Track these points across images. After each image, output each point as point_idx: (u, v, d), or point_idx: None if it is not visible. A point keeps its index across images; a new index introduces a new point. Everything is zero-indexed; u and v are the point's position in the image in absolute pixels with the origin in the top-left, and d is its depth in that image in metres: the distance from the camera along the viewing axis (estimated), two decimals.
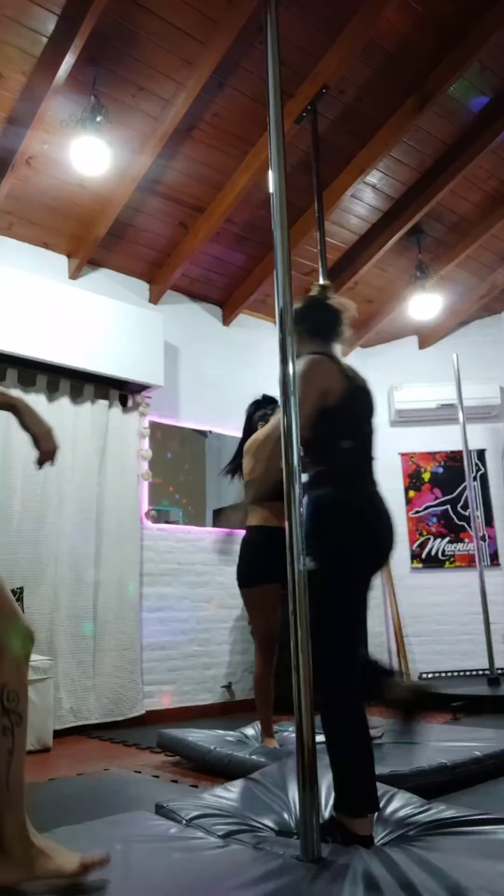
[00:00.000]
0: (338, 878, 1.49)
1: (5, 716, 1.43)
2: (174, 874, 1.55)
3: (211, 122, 4.09)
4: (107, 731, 4.07)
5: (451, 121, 4.40)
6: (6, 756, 1.40)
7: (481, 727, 3.37)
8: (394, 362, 6.58)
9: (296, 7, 3.53)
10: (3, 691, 1.44)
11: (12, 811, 1.39)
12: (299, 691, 1.69)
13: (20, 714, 1.45)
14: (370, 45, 3.80)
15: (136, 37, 3.53)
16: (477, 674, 5.62)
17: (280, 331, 1.90)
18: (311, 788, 1.64)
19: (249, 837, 1.79)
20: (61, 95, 3.66)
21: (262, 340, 5.70)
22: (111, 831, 1.84)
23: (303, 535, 1.79)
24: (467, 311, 6.20)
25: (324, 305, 2.33)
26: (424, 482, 6.36)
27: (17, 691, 1.46)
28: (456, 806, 2.10)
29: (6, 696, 1.44)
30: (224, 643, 5.00)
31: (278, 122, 2.03)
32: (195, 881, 1.51)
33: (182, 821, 1.92)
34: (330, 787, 1.88)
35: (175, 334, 5.20)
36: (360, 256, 5.34)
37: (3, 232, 4.48)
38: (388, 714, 1.91)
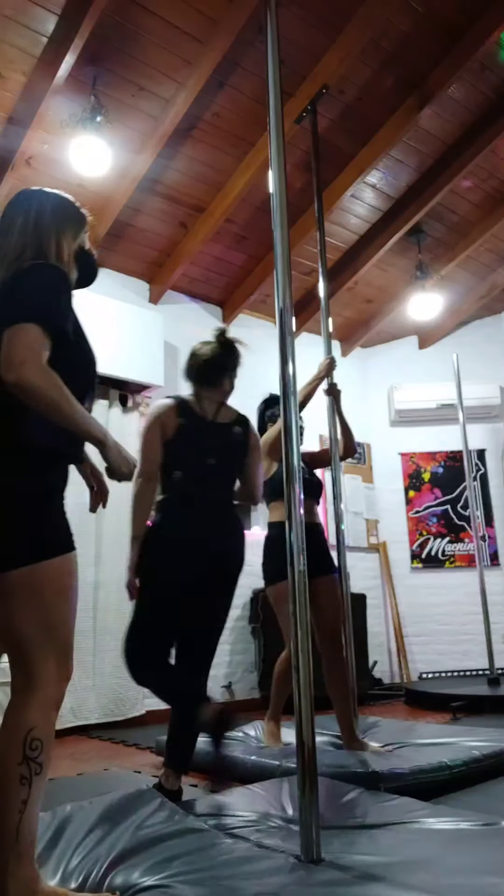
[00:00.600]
0: (338, 879, 1.49)
1: (25, 764, 1.32)
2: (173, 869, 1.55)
3: (211, 122, 4.09)
4: (107, 731, 4.07)
5: (451, 121, 4.41)
6: (20, 805, 1.31)
7: (481, 727, 3.37)
8: (394, 362, 6.58)
9: (296, 7, 3.53)
10: (28, 736, 1.34)
11: (21, 862, 1.31)
12: (299, 691, 1.69)
13: (41, 764, 1.34)
14: (370, 45, 3.81)
15: (136, 37, 3.53)
16: (477, 674, 5.61)
17: (280, 331, 1.90)
18: (311, 788, 1.64)
19: (250, 836, 1.79)
20: (61, 95, 3.66)
21: (262, 340, 5.69)
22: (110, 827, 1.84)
23: (303, 535, 1.79)
24: (467, 311, 6.20)
25: (192, 354, 2.82)
26: (424, 482, 6.36)
27: (41, 739, 1.35)
28: (456, 806, 2.10)
29: (30, 743, 1.33)
30: (224, 643, 4.97)
31: (278, 122, 2.02)
32: (194, 878, 1.51)
33: (182, 817, 1.92)
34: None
35: (175, 334, 5.20)
36: (360, 256, 5.34)
37: None
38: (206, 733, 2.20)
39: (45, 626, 1.40)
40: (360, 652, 5.03)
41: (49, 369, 1.38)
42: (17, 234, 1.58)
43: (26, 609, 1.39)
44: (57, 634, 1.42)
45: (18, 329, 1.38)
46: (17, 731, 1.35)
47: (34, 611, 1.40)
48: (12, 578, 1.38)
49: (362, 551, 6.08)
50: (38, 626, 1.40)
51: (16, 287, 1.48)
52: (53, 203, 1.65)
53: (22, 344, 1.37)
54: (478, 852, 1.62)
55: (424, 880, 1.44)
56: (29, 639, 1.39)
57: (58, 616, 1.42)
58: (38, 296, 1.46)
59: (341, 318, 6.13)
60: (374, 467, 6.43)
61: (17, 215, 1.61)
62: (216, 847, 1.70)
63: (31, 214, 1.61)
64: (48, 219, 1.62)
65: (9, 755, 1.33)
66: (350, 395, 3.51)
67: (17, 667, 1.42)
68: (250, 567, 5.56)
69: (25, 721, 1.35)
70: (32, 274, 1.51)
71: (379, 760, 2.57)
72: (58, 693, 1.42)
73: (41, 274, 1.51)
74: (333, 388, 3.37)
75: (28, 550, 1.40)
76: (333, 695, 2.93)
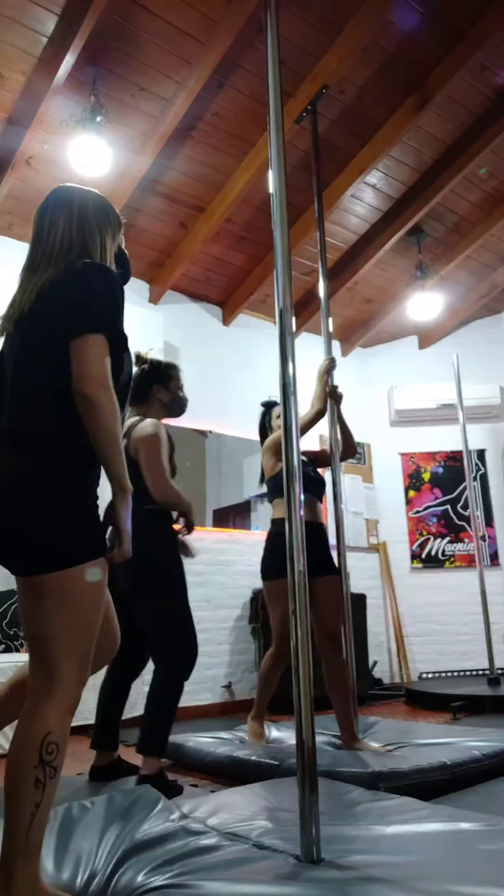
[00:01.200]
0: (338, 878, 1.49)
1: (41, 768, 1.32)
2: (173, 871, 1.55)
3: (211, 122, 4.09)
4: None
5: (451, 121, 4.41)
6: (32, 808, 1.31)
7: (481, 727, 3.37)
8: (394, 362, 6.58)
9: (296, 7, 3.53)
10: (45, 740, 1.34)
11: (27, 864, 1.31)
12: (299, 691, 1.69)
13: (55, 768, 1.34)
14: (370, 45, 3.81)
15: (136, 37, 3.53)
16: (477, 674, 5.61)
17: (280, 331, 1.89)
18: (311, 788, 1.64)
19: (250, 836, 1.79)
20: (61, 95, 3.66)
21: (262, 340, 5.70)
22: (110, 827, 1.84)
23: (303, 535, 1.79)
24: (467, 311, 6.20)
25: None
26: (424, 482, 6.36)
27: (57, 743, 1.36)
28: (456, 806, 2.10)
29: (46, 746, 1.34)
30: (224, 643, 5.00)
31: (278, 122, 2.02)
32: (193, 878, 1.51)
33: (182, 818, 1.92)
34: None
35: (175, 334, 5.20)
36: (360, 256, 5.34)
37: (3, 232, 4.49)
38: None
39: (72, 630, 1.41)
40: (360, 652, 5.03)
41: (114, 394, 1.43)
42: (62, 230, 1.61)
43: (57, 611, 1.39)
44: (82, 638, 1.42)
45: (93, 342, 1.43)
46: (35, 733, 1.35)
47: (65, 614, 1.40)
48: (48, 581, 1.39)
49: (362, 551, 6.08)
50: (66, 629, 1.40)
51: (75, 286, 1.51)
52: (94, 202, 1.69)
53: (97, 360, 1.42)
54: (478, 853, 1.62)
55: (424, 880, 1.44)
56: (56, 641, 1.39)
57: (86, 620, 1.43)
58: (104, 303, 1.50)
59: (341, 318, 6.14)
60: (374, 467, 6.43)
61: (60, 211, 1.64)
62: (216, 847, 1.70)
63: (73, 211, 1.64)
64: (91, 217, 1.65)
65: (25, 757, 1.33)
66: (350, 395, 3.52)
67: (38, 668, 1.42)
68: (250, 567, 5.59)
69: (43, 724, 1.36)
70: (92, 276, 1.53)
71: (379, 760, 2.57)
72: (75, 697, 1.42)
73: (102, 277, 1.55)
74: (334, 391, 3.39)
75: (66, 554, 1.40)
76: (333, 695, 2.94)
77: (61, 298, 1.50)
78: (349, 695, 2.97)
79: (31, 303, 1.53)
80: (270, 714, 4.28)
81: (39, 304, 1.52)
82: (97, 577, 1.43)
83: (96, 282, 1.53)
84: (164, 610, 2.61)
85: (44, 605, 1.40)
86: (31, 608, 1.43)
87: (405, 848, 1.67)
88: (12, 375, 1.51)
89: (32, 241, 1.66)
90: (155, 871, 1.56)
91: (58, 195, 1.70)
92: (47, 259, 1.59)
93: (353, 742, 2.89)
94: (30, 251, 1.65)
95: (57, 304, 1.49)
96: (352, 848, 1.68)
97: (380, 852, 1.65)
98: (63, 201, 1.66)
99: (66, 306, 1.48)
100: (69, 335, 1.44)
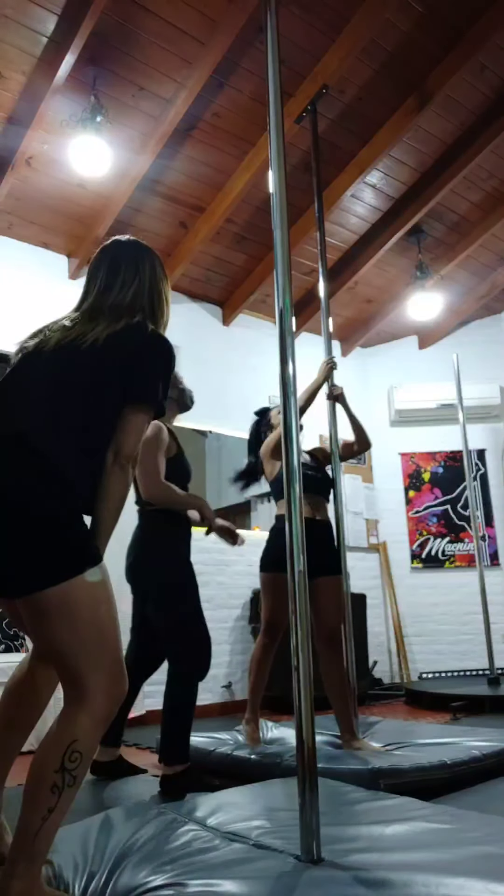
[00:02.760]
0: (338, 878, 1.49)
1: (61, 773, 1.32)
2: (173, 871, 1.55)
3: (211, 122, 4.09)
4: None
5: (451, 121, 4.41)
6: (45, 812, 1.31)
7: (481, 727, 3.37)
8: (394, 362, 6.58)
9: (296, 7, 3.53)
10: (70, 747, 1.33)
11: (30, 866, 1.31)
12: (299, 691, 1.69)
13: (75, 777, 1.33)
14: (370, 45, 3.81)
15: (136, 37, 3.53)
16: (477, 674, 5.61)
17: (280, 331, 1.89)
18: (311, 788, 1.64)
19: (250, 836, 1.79)
20: (61, 95, 3.66)
21: (262, 340, 5.70)
22: (110, 827, 1.84)
23: (303, 535, 1.79)
24: (467, 311, 6.20)
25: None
26: (424, 482, 6.36)
27: (82, 753, 1.34)
28: (456, 806, 2.10)
29: (69, 754, 1.33)
30: (224, 643, 5.00)
31: (278, 122, 2.02)
32: (193, 878, 1.51)
33: (182, 818, 1.92)
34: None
35: (175, 334, 5.17)
36: (360, 256, 5.34)
37: (3, 232, 4.48)
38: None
39: (85, 641, 1.40)
40: (360, 652, 5.03)
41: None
42: (134, 288, 1.69)
43: (64, 626, 1.39)
44: (102, 647, 1.41)
45: (144, 418, 1.57)
46: (61, 739, 1.35)
47: (72, 627, 1.39)
48: (46, 598, 1.37)
49: (362, 551, 6.08)
50: (80, 641, 1.39)
51: (144, 356, 1.59)
52: (161, 267, 1.77)
53: (139, 436, 1.56)
54: (477, 853, 1.62)
55: (425, 880, 1.44)
56: (73, 656, 1.39)
57: (97, 629, 1.41)
58: (163, 383, 1.61)
59: (341, 318, 6.14)
60: (374, 467, 6.43)
61: (132, 266, 1.71)
62: (216, 847, 1.70)
63: (144, 269, 1.72)
64: (161, 282, 1.74)
65: (47, 760, 1.34)
66: (350, 395, 3.51)
67: (66, 683, 1.42)
68: (250, 567, 5.59)
69: (71, 732, 1.35)
70: (162, 352, 1.62)
71: (379, 760, 2.57)
72: (108, 710, 1.41)
73: (168, 355, 1.63)
74: (336, 391, 3.39)
75: (56, 569, 1.39)
76: (331, 694, 2.95)
77: (131, 357, 1.56)
78: (348, 695, 2.97)
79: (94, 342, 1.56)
80: (270, 714, 4.28)
81: (105, 348, 1.56)
82: (98, 583, 1.42)
83: (163, 359, 1.62)
84: (177, 621, 2.63)
85: (50, 623, 1.39)
86: (39, 627, 1.42)
87: (405, 848, 1.67)
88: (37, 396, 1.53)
89: (99, 287, 1.70)
90: (155, 871, 1.56)
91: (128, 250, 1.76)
92: (116, 312, 1.63)
93: (354, 742, 2.89)
94: (93, 296, 1.70)
95: (124, 359, 1.56)
96: (352, 848, 1.67)
97: (380, 852, 1.65)
98: (135, 260, 1.73)
99: (132, 368, 1.56)
100: (124, 400, 1.54)
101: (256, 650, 3.19)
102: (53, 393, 1.52)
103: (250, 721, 3.13)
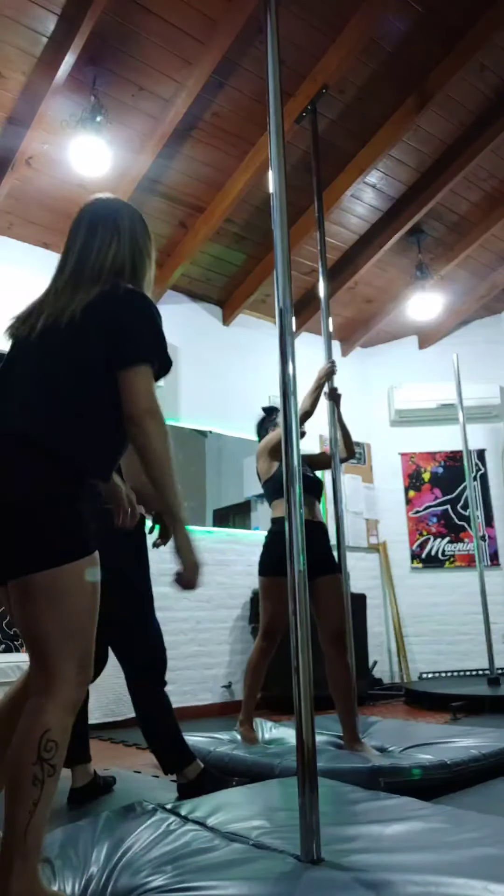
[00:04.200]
0: (338, 879, 1.49)
1: (39, 765, 1.32)
2: (173, 871, 1.55)
3: (211, 121, 4.09)
4: (107, 731, 4.07)
5: (451, 121, 4.40)
6: (30, 807, 1.30)
7: (481, 727, 3.37)
8: (394, 362, 6.58)
9: (296, 7, 3.53)
10: (44, 737, 1.33)
11: (25, 863, 1.30)
12: (299, 691, 1.69)
13: (54, 766, 1.34)
14: (370, 45, 3.80)
15: (136, 37, 3.53)
16: (477, 674, 5.61)
17: (280, 331, 1.89)
18: (311, 788, 1.64)
19: (250, 836, 1.79)
20: (61, 95, 3.66)
21: (262, 340, 5.70)
22: (110, 828, 1.84)
23: (303, 535, 1.79)
24: (467, 311, 6.20)
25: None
26: (424, 482, 6.36)
27: (56, 741, 1.35)
28: (456, 806, 2.10)
29: (45, 744, 1.33)
30: (224, 643, 5.00)
31: (278, 121, 2.02)
32: (193, 879, 1.51)
33: (182, 818, 1.92)
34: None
35: (175, 334, 5.19)
36: (360, 256, 5.34)
37: (3, 232, 4.48)
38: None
39: (67, 628, 1.41)
40: (360, 652, 5.03)
41: (164, 420, 1.49)
42: (114, 250, 1.62)
43: (48, 611, 1.40)
44: (78, 637, 1.43)
45: (142, 372, 1.51)
46: (34, 731, 1.35)
47: (56, 613, 1.40)
48: (35, 581, 1.39)
49: (362, 551, 6.08)
50: (60, 628, 1.40)
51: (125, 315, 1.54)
52: (141, 224, 1.71)
53: (145, 390, 1.50)
54: (477, 853, 1.62)
55: (424, 880, 1.44)
56: (51, 641, 1.40)
57: (79, 618, 1.43)
58: (152, 334, 1.56)
59: (341, 318, 6.14)
60: (374, 467, 6.43)
61: (112, 230, 1.64)
62: (216, 847, 1.70)
63: (125, 232, 1.65)
64: (141, 241, 1.68)
65: (23, 755, 1.34)
66: (350, 395, 3.52)
67: (37, 668, 1.43)
68: (250, 567, 5.58)
69: (42, 722, 1.36)
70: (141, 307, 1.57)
71: (379, 760, 2.57)
72: (76, 696, 1.42)
73: (149, 308, 1.57)
74: (334, 392, 3.39)
75: (50, 554, 1.40)
76: (336, 696, 2.93)
77: (110, 322, 1.51)
78: (353, 696, 2.97)
79: (71, 318, 1.52)
80: (270, 714, 4.28)
81: (83, 322, 1.51)
82: (86, 575, 1.43)
83: (147, 313, 1.56)
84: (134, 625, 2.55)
85: (36, 606, 1.40)
86: (23, 610, 1.43)
87: (405, 848, 1.67)
88: (33, 386, 1.50)
89: (77, 253, 1.63)
90: (155, 871, 1.56)
91: (105, 209, 1.69)
92: (94, 277, 1.58)
93: (355, 744, 2.89)
94: (72, 263, 1.63)
95: (103, 328, 1.51)
96: (352, 848, 1.68)
97: (380, 852, 1.65)
98: (113, 219, 1.66)
99: (118, 332, 1.51)
100: (119, 364, 1.49)
101: (254, 654, 3.18)
102: (47, 384, 1.50)
103: (244, 722, 3.14)
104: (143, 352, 1.53)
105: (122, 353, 1.50)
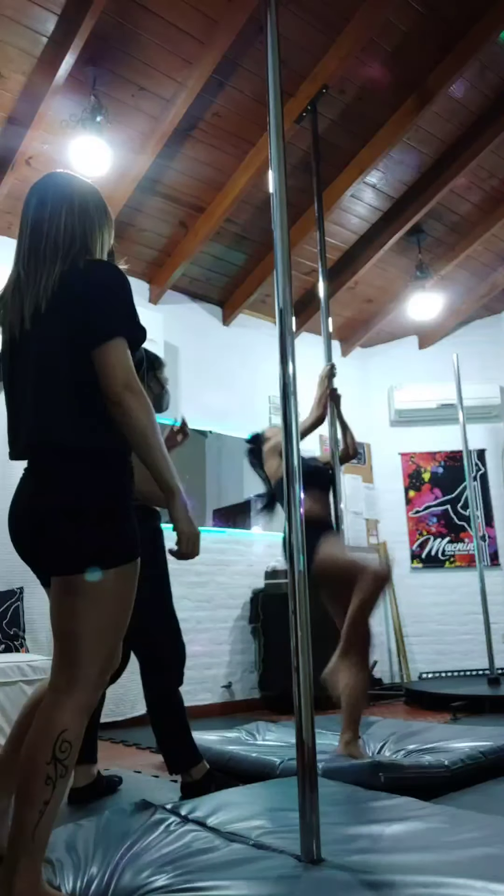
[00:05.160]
0: (338, 879, 1.49)
1: (53, 765, 1.31)
2: (173, 871, 1.55)
3: (211, 121, 4.09)
4: (107, 731, 4.06)
5: (451, 121, 4.40)
6: (41, 806, 1.30)
7: (481, 727, 3.37)
8: (394, 362, 6.58)
9: (296, 7, 3.53)
10: (60, 738, 1.33)
11: (31, 862, 1.30)
12: (299, 691, 1.69)
13: (67, 767, 1.33)
14: (370, 45, 3.80)
15: (136, 37, 3.53)
16: (477, 674, 5.61)
17: (280, 331, 1.89)
18: (311, 788, 1.64)
19: (250, 836, 1.79)
20: (61, 95, 3.66)
21: (262, 340, 5.70)
22: (110, 828, 1.84)
23: (303, 535, 1.79)
24: (467, 311, 6.20)
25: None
26: (424, 482, 6.36)
27: (71, 742, 1.35)
28: (456, 806, 2.10)
29: (60, 744, 1.33)
30: (224, 643, 5.00)
31: (278, 121, 2.02)
32: (193, 879, 1.51)
33: (182, 818, 1.92)
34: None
35: (175, 334, 5.20)
36: (360, 256, 5.34)
37: (3, 232, 4.48)
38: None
39: (101, 631, 1.41)
40: None
41: (145, 395, 1.43)
42: (64, 222, 1.55)
43: (88, 612, 1.40)
44: (108, 639, 1.43)
45: (114, 347, 1.43)
46: (51, 730, 1.35)
47: (95, 615, 1.41)
48: (82, 580, 1.39)
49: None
50: (95, 628, 1.41)
51: (90, 290, 1.47)
52: (93, 195, 1.63)
53: (120, 364, 1.42)
54: (477, 853, 1.62)
55: (424, 880, 1.44)
56: (83, 640, 1.40)
57: (115, 623, 1.44)
58: (121, 305, 1.49)
59: (341, 318, 6.14)
60: (374, 467, 6.43)
61: (61, 202, 1.58)
62: (216, 847, 1.70)
63: (74, 203, 1.58)
64: (92, 211, 1.59)
65: (39, 753, 1.33)
66: (350, 395, 3.51)
67: (61, 666, 1.42)
68: (250, 567, 5.57)
69: (60, 721, 1.36)
70: (106, 278, 1.50)
71: (379, 759, 2.57)
72: (93, 700, 1.43)
73: (115, 278, 1.51)
74: (334, 392, 3.38)
75: (103, 556, 1.40)
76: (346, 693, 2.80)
77: (76, 302, 1.46)
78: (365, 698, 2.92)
79: (47, 300, 1.48)
80: (270, 714, 4.29)
81: (55, 304, 1.48)
82: (127, 580, 1.44)
83: (111, 283, 1.50)
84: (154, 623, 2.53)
85: (76, 605, 1.41)
86: (62, 606, 1.43)
87: (405, 848, 1.67)
88: (35, 383, 1.48)
89: (31, 228, 1.57)
90: (155, 872, 1.56)
91: (56, 183, 1.62)
92: (52, 253, 1.52)
93: (351, 747, 2.88)
94: (29, 239, 1.57)
95: (73, 307, 1.46)
96: (352, 848, 1.68)
97: (380, 852, 1.65)
98: (63, 191, 1.59)
99: (84, 310, 1.45)
100: (91, 342, 1.43)
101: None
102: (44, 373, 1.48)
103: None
104: (113, 323, 1.45)
105: (92, 331, 1.44)
